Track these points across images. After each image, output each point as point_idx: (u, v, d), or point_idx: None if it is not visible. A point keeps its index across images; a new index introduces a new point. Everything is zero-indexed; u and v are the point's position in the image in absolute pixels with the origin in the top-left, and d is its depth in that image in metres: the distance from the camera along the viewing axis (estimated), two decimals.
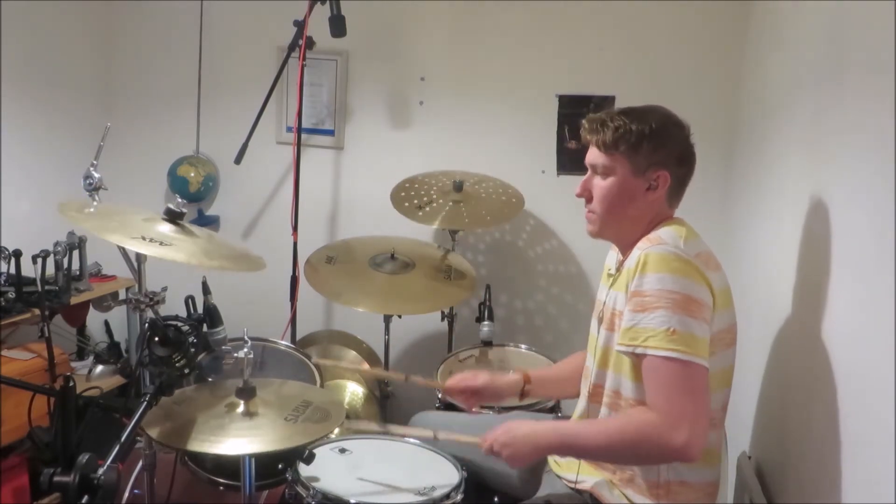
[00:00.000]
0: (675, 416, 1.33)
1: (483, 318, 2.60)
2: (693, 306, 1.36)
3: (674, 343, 1.33)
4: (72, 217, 1.67)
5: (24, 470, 2.26)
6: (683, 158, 1.52)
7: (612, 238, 1.62)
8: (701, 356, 1.35)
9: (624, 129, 1.48)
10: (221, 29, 3.15)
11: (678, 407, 1.33)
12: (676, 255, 1.39)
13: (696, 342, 1.35)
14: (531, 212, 2.92)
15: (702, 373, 1.35)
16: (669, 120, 1.52)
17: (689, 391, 1.34)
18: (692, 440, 1.31)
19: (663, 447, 1.33)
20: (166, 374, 1.53)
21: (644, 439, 1.36)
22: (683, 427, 1.31)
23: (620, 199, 1.51)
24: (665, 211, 1.54)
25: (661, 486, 1.47)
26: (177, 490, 2.10)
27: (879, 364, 1.09)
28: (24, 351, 2.47)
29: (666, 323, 1.34)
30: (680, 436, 1.31)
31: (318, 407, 1.69)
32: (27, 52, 2.86)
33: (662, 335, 1.34)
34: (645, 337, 1.36)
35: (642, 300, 1.37)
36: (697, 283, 1.38)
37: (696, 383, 1.35)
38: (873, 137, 1.21)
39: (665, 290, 1.36)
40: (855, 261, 1.28)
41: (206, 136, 3.21)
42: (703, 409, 1.36)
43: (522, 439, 1.49)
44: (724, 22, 2.67)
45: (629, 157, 1.49)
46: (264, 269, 1.82)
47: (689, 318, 1.35)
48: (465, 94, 2.95)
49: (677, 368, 1.34)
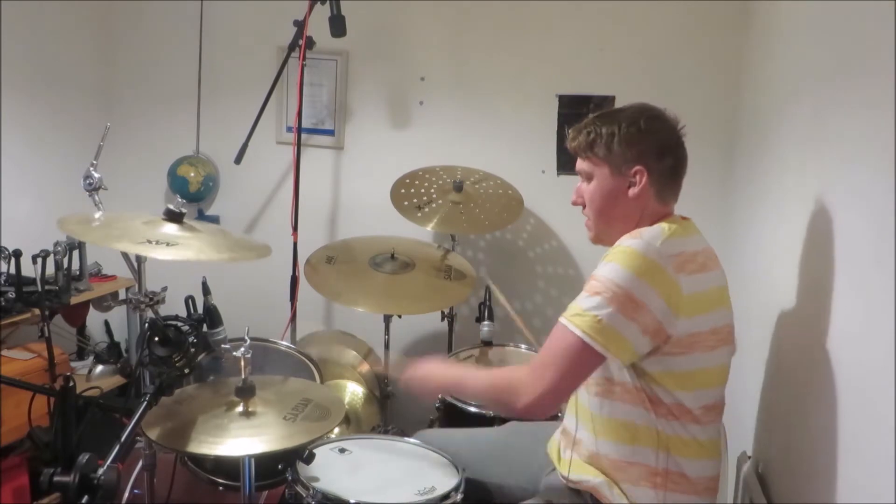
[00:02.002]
0: (536, 377, 1.42)
1: (483, 318, 2.60)
2: (630, 306, 1.37)
3: (592, 329, 1.37)
4: (72, 230, 1.67)
5: (24, 470, 2.26)
6: (664, 150, 1.51)
7: (610, 242, 1.60)
8: (607, 349, 1.38)
9: (594, 132, 1.52)
10: (221, 29, 3.15)
11: (543, 369, 1.42)
12: (641, 253, 1.39)
13: (615, 339, 1.37)
14: (531, 212, 2.93)
15: (591, 359, 1.40)
16: (644, 114, 1.52)
17: (565, 362, 1.41)
18: (536, 401, 1.41)
19: (513, 398, 1.45)
20: (166, 374, 1.53)
21: (504, 386, 1.51)
22: (536, 389, 1.41)
23: (606, 201, 1.54)
24: (657, 208, 1.53)
25: (659, 474, 1.47)
26: (177, 490, 2.10)
27: (880, 364, 1.09)
28: (24, 351, 2.47)
29: (598, 310, 1.37)
30: (527, 396, 1.42)
31: (317, 404, 1.69)
32: (27, 52, 2.86)
33: (589, 319, 1.38)
34: (574, 312, 1.41)
35: (592, 283, 1.41)
36: (649, 286, 1.37)
37: (577, 361, 1.40)
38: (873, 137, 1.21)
39: (610, 279, 1.38)
40: (855, 260, 1.28)
41: (206, 136, 3.21)
42: (566, 386, 1.45)
43: (430, 376, 1.65)
44: (724, 22, 2.67)
45: (605, 159, 1.52)
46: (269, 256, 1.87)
47: (620, 315, 1.37)
48: (465, 94, 2.95)
49: (570, 341, 1.39)
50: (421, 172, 2.80)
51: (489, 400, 1.63)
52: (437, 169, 2.82)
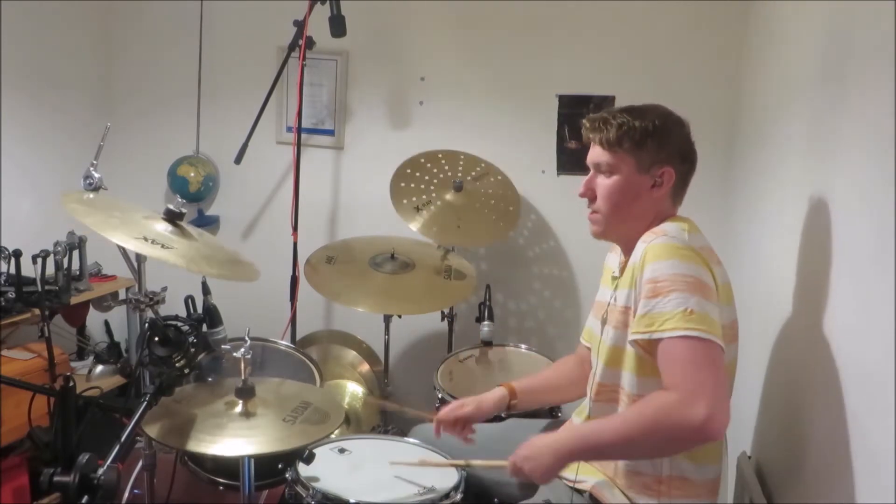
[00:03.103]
0: (693, 391, 1.27)
1: (483, 318, 2.60)
2: (706, 290, 1.36)
3: (692, 322, 1.31)
4: (72, 209, 1.66)
5: (24, 470, 2.26)
6: (686, 155, 1.53)
7: (616, 238, 1.62)
8: (718, 336, 1.33)
9: (628, 125, 1.48)
10: (221, 29, 3.15)
11: (696, 382, 1.28)
12: (683, 245, 1.40)
13: (712, 323, 1.33)
14: (531, 212, 2.92)
15: (719, 351, 1.32)
16: (670, 118, 1.53)
17: (708, 366, 1.30)
18: (713, 414, 1.24)
19: (683, 425, 1.26)
20: (166, 374, 1.53)
21: (663, 420, 1.29)
22: (702, 401, 1.25)
23: (625, 197, 1.51)
24: (668, 209, 1.55)
25: (663, 482, 1.47)
26: (177, 490, 2.10)
27: (880, 363, 1.09)
28: (24, 351, 2.47)
29: (683, 304, 1.33)
30: (699, 411, 1.24)
31: (317, 408, 1.69)
32: (27, 52, 2.86)
33: (680, 316, 1.32)
34: (662, 321, 1.34)
35: (655, 286, 1.36)
36: (705, 270, 1.39)
37: (714, 359, 1.31)
38: (873, 136, 1.21)
39: (678, 273, 1.35)
40: (855, 259, 1.28)
41: (206, 136, 3.20)
42: (723, 385, 1.31)
43: (542, 449, 1.44)
44: (724, 22, 2.67)
45: (634, 154, 1.49)
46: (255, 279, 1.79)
47: (703, 299, 1.34)
48: (465, 94, 2.95)
49: (695, 345, 1.30)
50: (422, 160, 2.78)
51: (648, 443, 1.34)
52: (439, 156, 2.80)
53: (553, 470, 1.44)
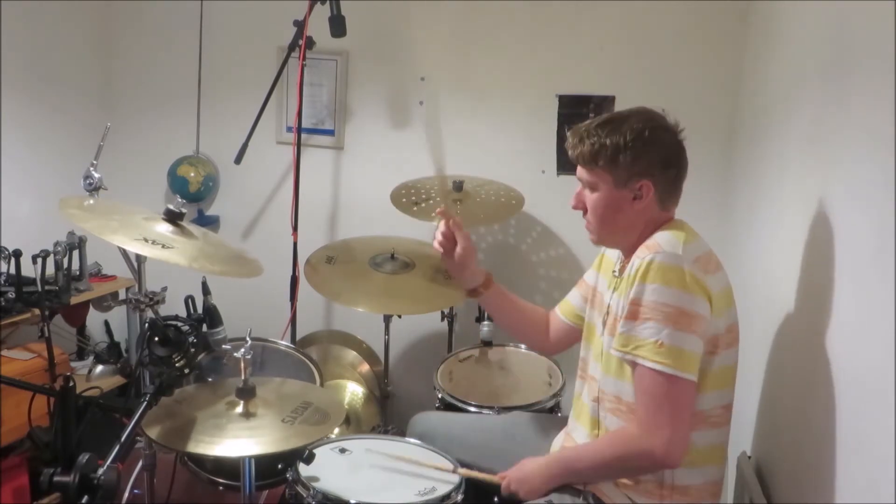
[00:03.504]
0: (654, 427, 1.39)
1: (483, 318, 2.60)
2: (685, 320, 1.37)
3: (660, 356, 1.37)
4: (71, 215, 1.66)
5: (24, 470, 2.26)
6: (669, 162, 1.51)
7: (613, 246, 1.65)
8: (687, 371, 1.38)
9: (599, 143, 1.48)
10: (221, 29, 3.15)
11: (657, 419, 1.40)
12: (674, 265, 1.39)
13: (683, 356, 1.38)
14: (531, 212, 2.92)
15: (686, 387, 1.39)
16: (648, 125, 1.49)
17: (670, 404, 1.39)
18: (668, 450, 1.38)
19: (645, 457, 1.41)
20: (166, 374, 1.53)
21: (628, 452, 1.45)
22: (661, 437, 1.38)
23: (608, 212, 1.53)
24: (660, 215, 1.54)
25: (664, 486, 1.48)
26: (177, 490, 2.10)
27: (880, 364, 1.09)
28: (24, 351, 2.47)
29: (655, 335, 1.38)
30: (659, 446, 1.38)
31: (317, 408, 1.69)
32: (27, 52, 2.86)
33: (651, 346, 1.38)
34: (635, 345, 1.41)
35: (637, 308, 1.40)
36: (693, 295, 1.39)
37: (677, 397, 1.40)
38: (873, 137, 1.21)
39: (659, 302, 1.38)
40: (855, 261, 1.28)
41: (206, 136, 3.21)
42: (682, 421, 1.41)
43: (532, 474, 1.57)
44: (724, 22, 2.67)
45: (609, 171, 1.50)
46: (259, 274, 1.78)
47: (679, 331, 1.37)
48: (465, 94, 2.95)
49: (661, 381, 1.38)
50: (423, 181, 2.78)
51: (616, 471, 1.51)
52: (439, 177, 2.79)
53: (541, 492, 1.56)
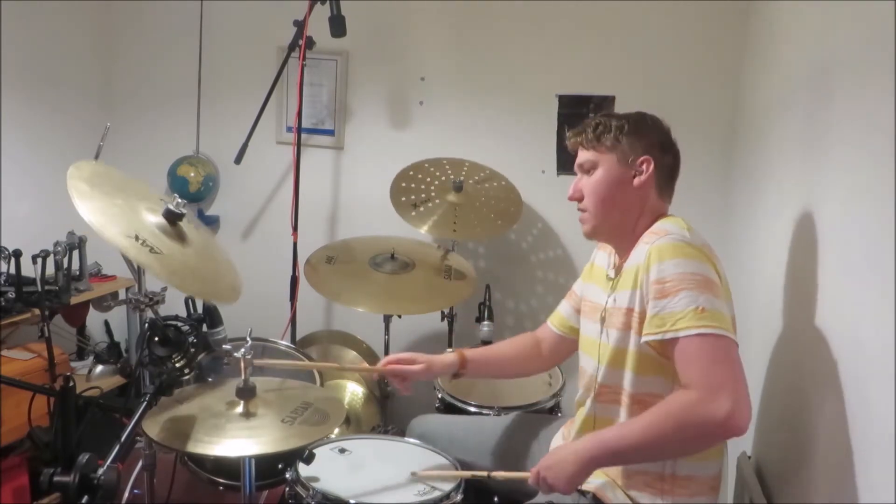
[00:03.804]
0: (714, 387, 1.28)
1: (483, 318, 2.60)
2: (714, 287, 1.38)
3: (704, 320, 1.33)
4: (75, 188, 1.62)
5: (24, 470, 2.26)
6: (666, 146, 1.58)
7: (607, 235, 1.63)
8: (731, 331, 1.36)
9: (604, 125, 1.57)
10: (221, 29, 3.15)
11: (716, 378, 1.29)
12: (687, 242, 1.42)
13: (724, 319, 1.36)
14: (530, 212, 2.92)
15: (734, 346, 1.35)
16: (646, 116, 1.60)
17: (726, 361, 1.32)
18: (736, 408, 1.25)
19: (708, 422, 1.27)
20: (166, 374, 1.52)
21: (687, 419, 1.29)
22: (724, 397, 1.26)
23: (609, 190, 1.55)
24: (658, 205, 1.57)
25: (665, 480, 1.47)
26: (177, 490, 2.10)
27: (880, 364, 1.09)
28: (24, 351, 2.47)
29: (693, 303, 1.34)
30: (722, 406, 1.25)
31: (317, 409, 1.69)
32: (27, 52, 2.86)
33: (692, 314, 1.34)
34: (674, 320, 1.35)
35: (663, 286, 1.37)
36: (710, 267, 1.41)
37: (731, 354, 1.34)
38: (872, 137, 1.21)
39: (686, 272, 1.37)
40: (854, 260, 1.28)
41: (206, 136, 3.21)
42: (742, 379, 1.31)
43: (564, 458, 1.42)
44: (724, 22, 2.67)
45: (613, 149, 1.55)
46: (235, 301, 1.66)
47: (713, 296, 1.36)
48: (465, 94, 2.95)
49: (711, 342, 1.32)
50: (426, 165, 2.79)
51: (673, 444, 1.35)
52: (444, 162, 2.80)
53: (577, 479, 1.41)
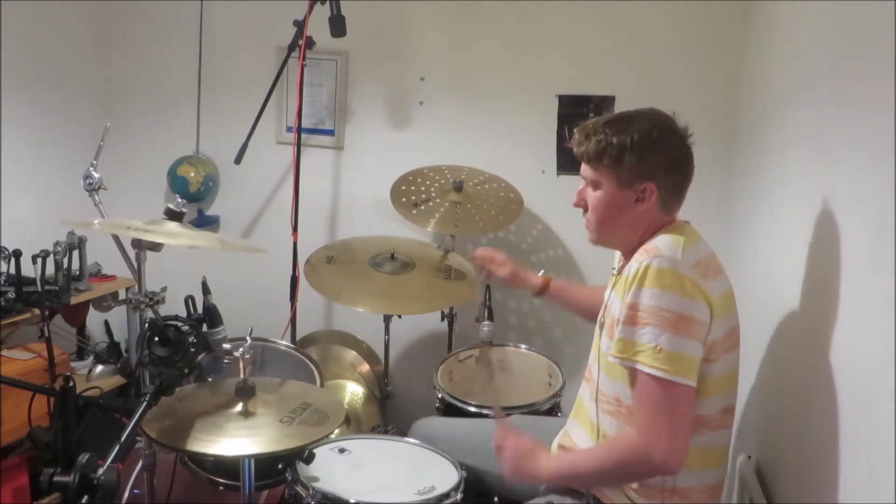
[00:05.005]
0: (654, 434, 1.38)
1: (483, 318, 2.60)
2: (684, 324, 1.36)
3: (659, 361, 1.35)
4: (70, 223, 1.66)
5: (24, 470, 2.26)
6: (674, 165, 1.49)
7: (612, 246, 1.63)
8: (686, 376, 1.36)
9: (605, 142, 1.46)
10: (221, 29, 3.15)
11: (657, 426, 1.38)
12: (672, 270, 1.38)
13: (682, 361, 1.36)
14: (530, 212, 2.92)
15: (685, 393, 1.38)
16: (657, 127, 1.47)
17: (669, 411, 1.38)
18: (671, 456, 1.37)
19: (645, 464, 1.39)
20: (166, 374, 1.52)
21: (628, 459, 1.42)
22: (662, 445, 1.37)
23: (610, 212, 1.51)
24: (662, 218, 1.52)
25: (666, 490, 1.48)
26: (177, 490, 2.10)
27: (880, 364, 1.09)
28: (24, 351, 2.47)
29: (654, 340, 1.36)
30: (659, 453, 1.37)
31: (316, 409, 1.69)
32: (27, 52, 2.86)
33: (650, 352, 1.36)
34: (635, 351, 1.39)
35: (635, 314, 1.39)
36: (692, 300, 1.37)
37: (676, 403, 1.38)
38: (873, 137, 1.21)
39: (658, 307, 1.36)
40: (855, 261, 1.28)
41: (206, 136, 3.20)
42: (681, 428, 1.39)
43: (533, 463, 1.54)
44: (724, 22, 2.67)
45: (613, 171, 1.48)
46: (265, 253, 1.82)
47: (678, 336, 1.35)
48: (465, 94, 2.95)
49: (660, 388, 1.37)
50: (426, 171, 2.79)
51: (615, 477, 1.49)
52: (444, 169, 2.81)
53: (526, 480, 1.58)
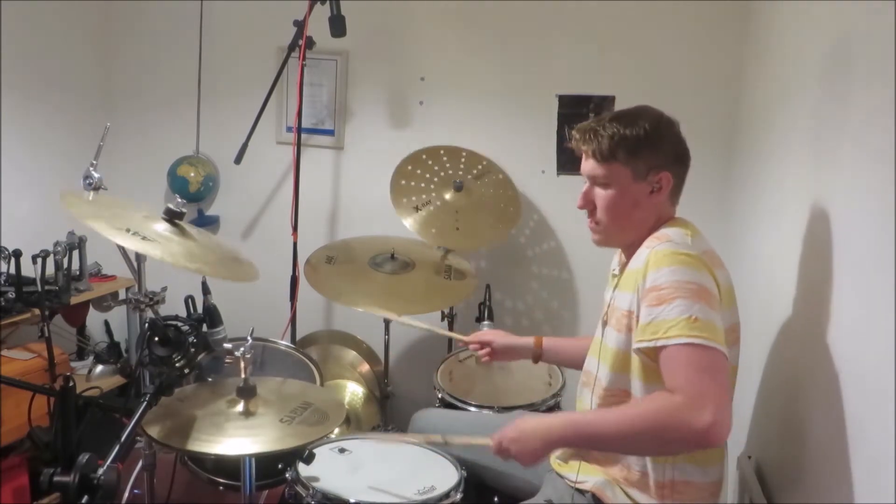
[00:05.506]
0: (699, 396, 1.26)
1: (483, 318, 2.60)
2: (708, 297, 1.35)
3: (696, 330, 1.30)
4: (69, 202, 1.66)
5: (24, 470, 2.26)
6: (680, 156, 1.53)
7: (617, 245, 1.62)
8: (722, 344, 1.32)
9: (619, 135, 1.46)
10: (221, 29, 3.15)
11: (701, 387, 1.27)
12: (685, 251, 1.39)
13: (716, 330, 1.33)
14: (530, 213, 2.92)
15: (723, 359, 1.32)
16: (661, 120, 1.51)
17: (713, 373, 1.29)
18: (717, 421, 1.24)
19: (687, 430, 1.25)
20: (166, 374, 1.53)
21: (666, 422, 1.27)
22: (707, 407, 1.24)
23: (625, 207, 1.51)
24: (668, 211, 1.54)
25: (665, 486, 1.47)
26: (177, 490, 2.10)
27: (880, 364, 1.09)
28: (24, 351, 2.47)
29: (687, 311, 1.32)
30: (704, 417, 1.23)
31: (317, 408, 1.69)
32: (27, 53, 2.86)
33: (684, 323, 1.31)
34: (666, 328, 1.32)
35: (659, 294, 1.35)
36: (708, 276, 1.38)
37: (719, 372, 1.30)
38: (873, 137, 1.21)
39: (681, 280, 1.35)
40: (855, 260, 1.28)
41: (206, 136, 3.20)
42: (726, 392, 1.31)
43: (531, 432, 1.41)
44: (724, 22, 2.67)
45: (629, 164, 1.47)
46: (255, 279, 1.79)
47: (707, 307, 1.33)
48: (465, 94, 2.95)
49: (699, 352, 1.29)
50: (424, 157, 2.78)
51: (640, 442, 1.34)
52: (440, 152, 2.79)
53: (540, 455, 1.42)
